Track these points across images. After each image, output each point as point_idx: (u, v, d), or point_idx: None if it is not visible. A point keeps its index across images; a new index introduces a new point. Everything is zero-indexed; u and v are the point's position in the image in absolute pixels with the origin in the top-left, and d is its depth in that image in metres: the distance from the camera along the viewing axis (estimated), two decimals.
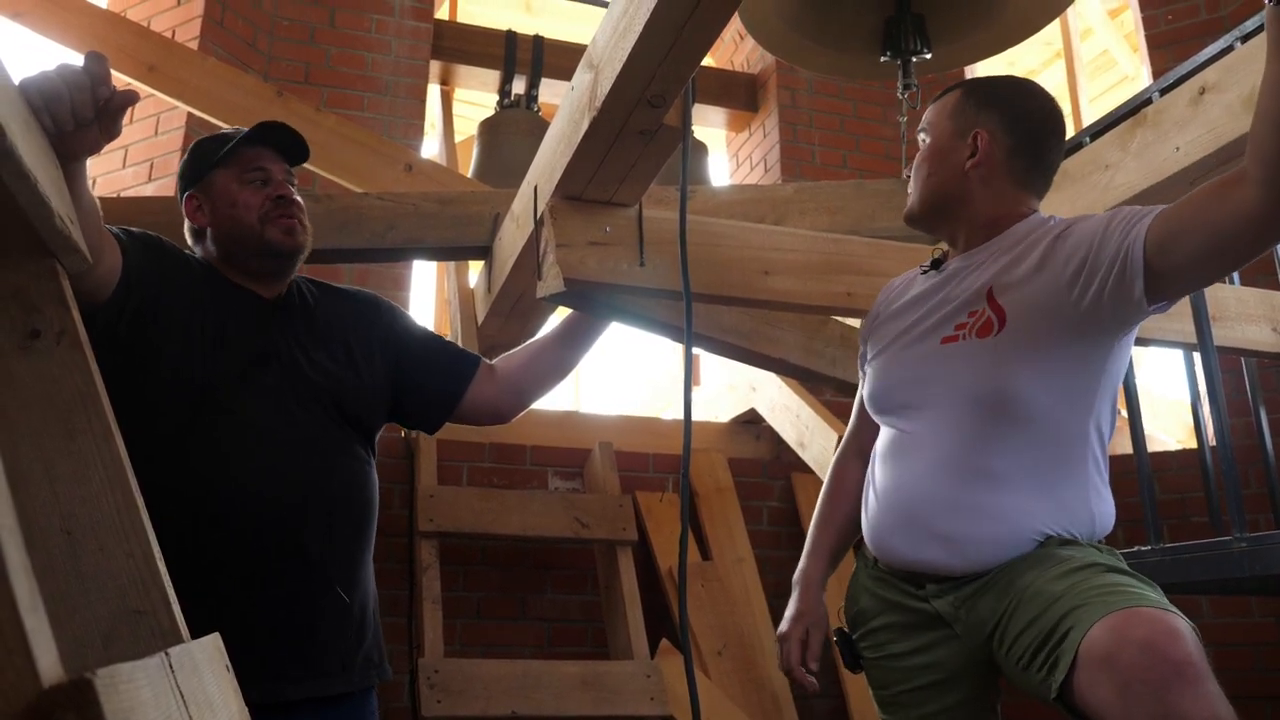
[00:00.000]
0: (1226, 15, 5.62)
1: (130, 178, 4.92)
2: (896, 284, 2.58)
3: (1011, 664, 2.05)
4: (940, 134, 2.36)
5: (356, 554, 2.48)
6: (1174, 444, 6.41)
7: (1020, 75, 8.89)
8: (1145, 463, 3.66)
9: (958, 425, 2.21)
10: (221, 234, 2.52)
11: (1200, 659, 1.76)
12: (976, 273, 2.30)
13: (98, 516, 1.50)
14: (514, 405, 2.88)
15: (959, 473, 2.18)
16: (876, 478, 2.36)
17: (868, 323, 2.58)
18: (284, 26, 5.51)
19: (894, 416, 2.36)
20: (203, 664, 1.35)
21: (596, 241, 2.74)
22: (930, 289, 2.39)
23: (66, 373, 1.60)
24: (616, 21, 2.20)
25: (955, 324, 2.28)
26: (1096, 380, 2.22)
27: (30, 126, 1.64)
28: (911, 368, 2.34)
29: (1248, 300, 3.49)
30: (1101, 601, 1.89)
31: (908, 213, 2.44)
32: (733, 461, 5.29)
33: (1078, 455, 2.21)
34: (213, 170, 2.53)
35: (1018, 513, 2.15)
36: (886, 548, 2.30)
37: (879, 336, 2.48)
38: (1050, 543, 2.14)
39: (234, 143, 2.54)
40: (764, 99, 6.69)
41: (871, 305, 2.63)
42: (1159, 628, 1.79)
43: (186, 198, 2.56)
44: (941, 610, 2.21)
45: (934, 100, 2.45)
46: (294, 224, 2.54)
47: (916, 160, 2.41)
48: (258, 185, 2.53)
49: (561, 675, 4.06)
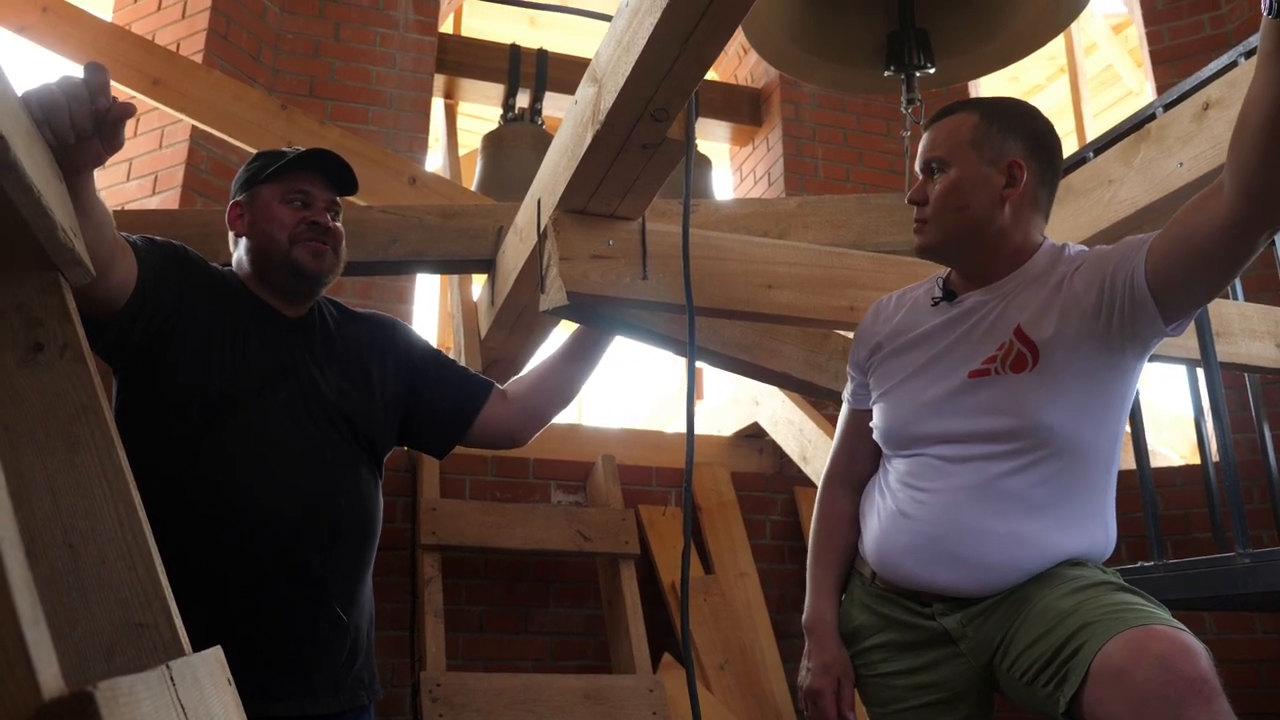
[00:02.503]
0: (1230, 31, 5.63)
1: (135, 190, 4.93)
2: (887, 308, 2.54)
3: (1014, 679, 2.05)
4: (967, 163, 2.27)
5: (357, 574, 2.49)
6: (1178, 459, 6.40)
7: (1025, 90, 8.89)
8: (1149, 478, 3.66)
9: (992, 455, 2.21)
10: (254, 246, 2.56)
11: (1214, 677, 1.78)
12: (1001, 306, 2.28)
13: (100, 529, 1.50)
14: (529, 427, 2.89)
15: (994, 500, 2.18)
16: (890, 501, 2.33)
17: (864, 353, 2.53)
18: (288, 40, 5.53)
19: (918, 447, 2.32)
20: (204, 677, 1.35)
21: (599, 255, 2.75)
22: (946, 323, 2.35)
23: (69, 386, 1.60)
24: (620, 36, 2.21)
25: (983, 358, 2.26)
26: (1122, 404, 2.25)
27: (34, 139, 1.64)
28: (936, 402, 2.30)
29: (1251, 316, 3.49)
30: (1116, 618, 1.90)
31: (925, 245, 2.34)
32: (736, 475, 5.28)
33: (1103, 479, 2.24)
34: (261, 184, 2.57)
35: (1047, 540, 2.16)
36: (894, 567, 2.28)
37: (887, 371, 2.43)
38: (1063, 564, 2.15)
39: (285, 162, 2.57)
40: (767, 113, 6.69)
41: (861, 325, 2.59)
42: (1176, 645, 1.80)
43: (232, 205, 2.61)
44: (949, 628, 2.21)
45: (934, 121, 2.37)
46: (324, 249, 2.56)
47: (943, 191, 2.28)
48: (297, 206, 2.56)
49: (564, 689, 4.05)
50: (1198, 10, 5.79)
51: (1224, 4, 5.73)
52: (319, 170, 2.61)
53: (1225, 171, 1.93)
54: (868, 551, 2.38)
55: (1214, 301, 3.32)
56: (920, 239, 2.34)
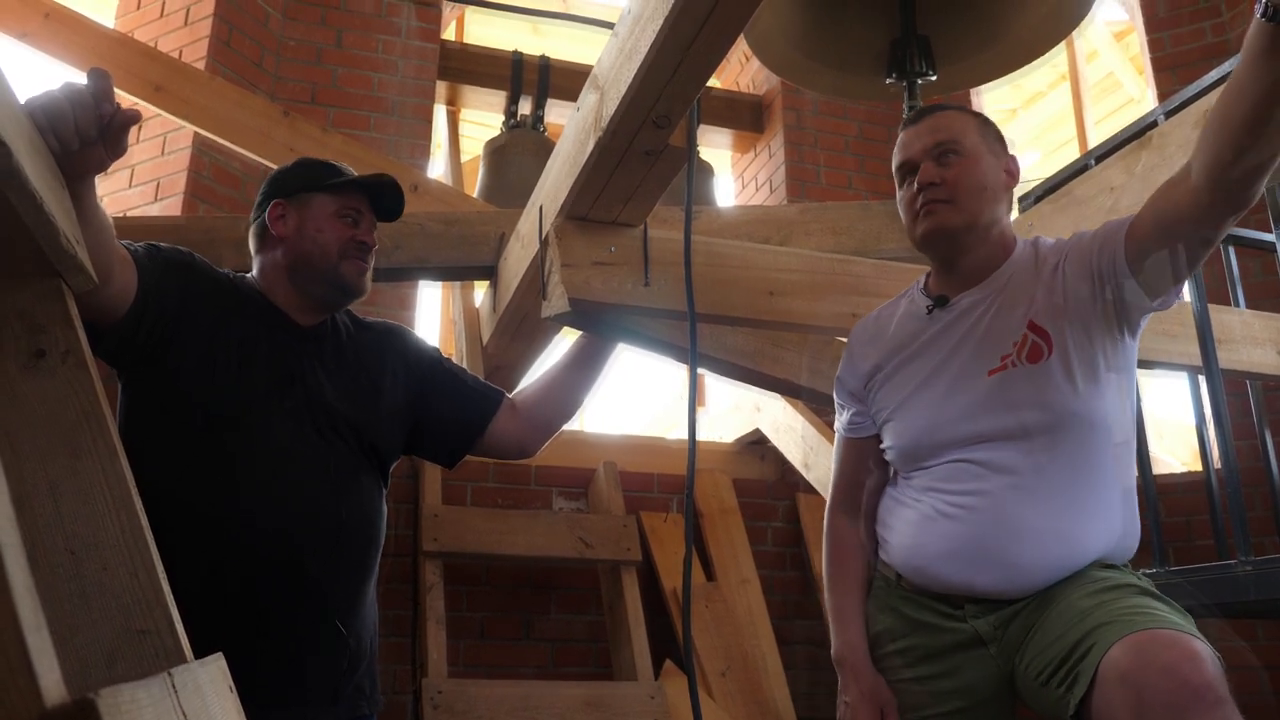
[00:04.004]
0: (1232, 39, 5.63)
1: (136, 197, 4.92)
2: (869, 332, 2.53)
3: (1030, 679, 2.05)
4: (982, 152, 2.32)
5: (359, 584, 2.48)
6: (1179, 467, 6.40)
7: (1026, 97, 8.88)
8: (1151, 485, 3.65)
9: (1026, 450, 2.21)
10: (298, 251, 2.56)
11: (1220, 684, 1.77)
12: (998, 302, 2.30)
13: (102, 536, 1.50)
14: (538, 438, 2.90)
15: (1033, 496, 2.19)
16: (923, 507, 2.29)
17: (858, 382, 2.50)
18: (291, 47, 5.52)
19: (946, 455, 2.29)
20: (206, 685, 1.35)
21: (601, 262, 2.75)
22: (945, 328, 2.36)
23: (72, 393, 1.60)
24: (623, 43, 2.21)
25: (999, 355, 2.26)
26: (1131, 383, 2.31)
27: (36, 146, 1.64)
28: (961, 406, 2.28)
29: (1253, 324, 3.49)
30: (1126, 621, 1.89)
31: (946, 225, 2.30)
32: (737, 482, 5.28)
33: (1126, 462, 2.28)
34: (315, 192, 2.59)
35: (1083, 533, 2.17)
36: (927, 571, 2.26)
37: (893, 389, 2.41)
38: (1094, 564, 2.16)
39: (351, 180, 2.61)
40: (769, 120, 6.69)
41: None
42: (1180, 650, 1.79)
43: (274, 204, 2.59)
44: (981, 631, 2.19)
45: (920, 119, 2.40)
46: (367, 270, 2.61)
47: (967, 170, 2.30)
48: (349, 223, 2.59)
49: (565, 696, 4.04)
50: (1199, 18, 5.80)
51: (1225, 12, 5.74)
52: (368, 193, 2.64)
53: (1195, 161, 2.02)
54: (895, 558, 2.34)
55: (1215, 309, 3.33)
56: (938, 220, 2.30)
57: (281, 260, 2.57)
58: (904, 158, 2.39)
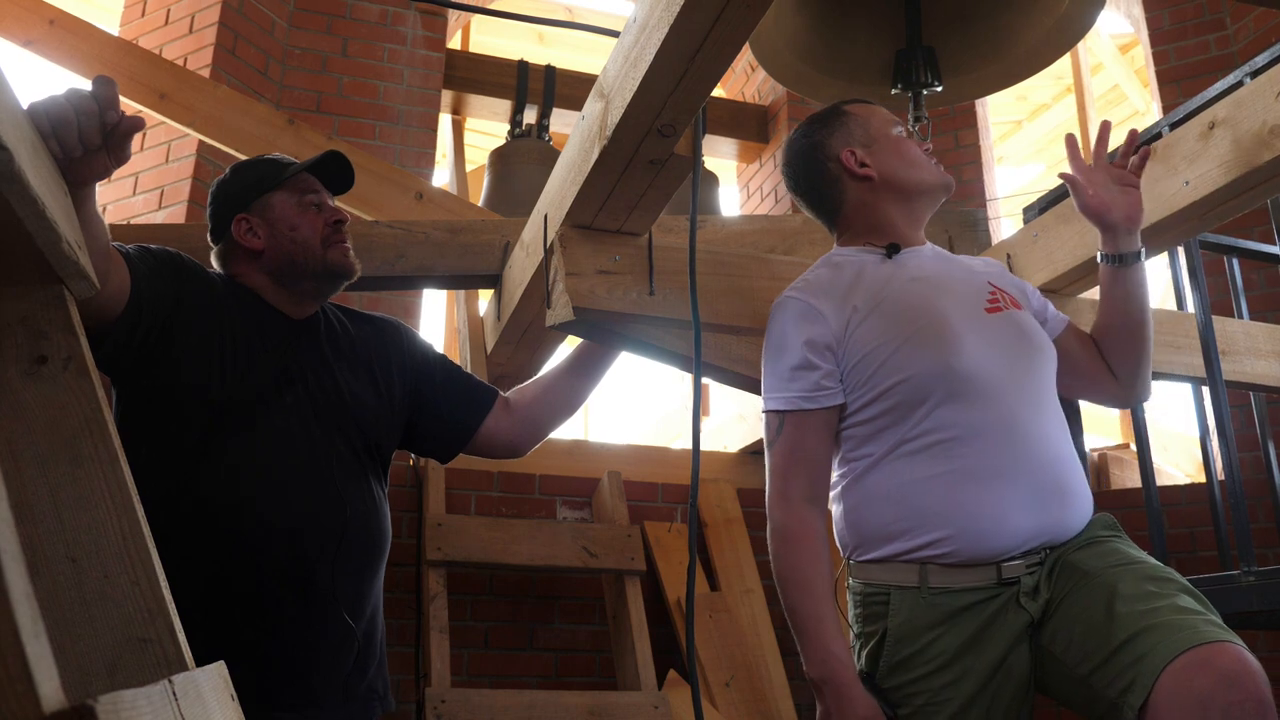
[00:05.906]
0: (1236, 51, 5.64)
1: (140, 205, 4.93)
2: (823, 285, 2.38)
3: (1058, 657, 2.02)
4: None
5: (365, 582, 2.46)
6: (1183, 478, 6.39)
7: (1032, 108, 8.88)
8: (1154, 496, 3.65)
9: (1032, 384, 2.27)
10: (280, 256, 2.53)
11: (1272, 700, 1.81)
12: (940, 262, 2.46)
13: (103, 543, 1.50)
14: (528, 439, 2.88)
15: (1054, 416, 2.28)
16: (940, 464, 2.13)
17: (829, 331, 2.29)
18: (296, 55, 5.53)
19: (958, 384, 2.16)
20: (207, 692, 1.35)
21: (606, 270, 2.74)
22: (917, 272, 2.40)
23: (73, 399, 1.60)
24: (628, 51, 2.21)
25: (984, 298, 2.36)
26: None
27: (38, 151, 1.64)
28: (985, 337, 2.24)
29: (1256, 335, 3.48)
30: (1187, 629, 1.88)
31: (950, 184, 2.54)
32: (742, 492, 5.27)
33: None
34: (269, 192, 2.55)
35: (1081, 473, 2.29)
36: (1000, 532, 2.08)
37: (879, 324, 2.26)
38: (1102, 525, 2.18)
39: (296, 167, 2.58)
40: (775, 130, 6.70)
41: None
42: (1245, 666, 1.83)
43: (236, 220, 2.55)
44: (1028, 588, 2.07)
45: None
46: (350, 247, 2.58)
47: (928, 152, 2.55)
48: (315, 210, 2.56)
49: (569, 705, 4.04)
50: (1203, 31, 5.81)
51: (1229, 24, 5.74)
52: (316, 172, 2.62)
53: (1111, 359, 2.48)
54: (936, 539, 2.10)
55: (1219, 320, 3.34)
56: (948, 179, 2.54)
57: (265, 269, 2.54)
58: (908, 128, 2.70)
